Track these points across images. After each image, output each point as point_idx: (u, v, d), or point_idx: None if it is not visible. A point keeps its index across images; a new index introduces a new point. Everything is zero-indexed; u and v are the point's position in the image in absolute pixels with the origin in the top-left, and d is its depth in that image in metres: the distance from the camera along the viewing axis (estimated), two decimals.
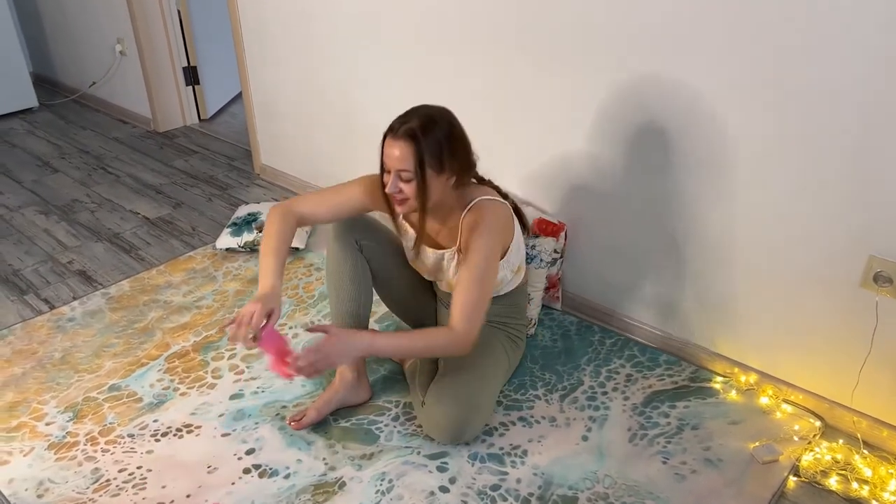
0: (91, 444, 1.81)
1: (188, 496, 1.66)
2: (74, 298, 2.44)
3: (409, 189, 1.64)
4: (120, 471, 1.73)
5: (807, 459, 1.75)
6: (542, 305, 2.29)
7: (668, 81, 1.84)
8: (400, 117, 1.64)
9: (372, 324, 2.22)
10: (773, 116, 1.70)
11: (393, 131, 1.63)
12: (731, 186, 1.84)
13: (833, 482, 1.69)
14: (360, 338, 1.66)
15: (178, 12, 3.83)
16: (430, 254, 1.83)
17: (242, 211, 2.81)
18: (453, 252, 1.78)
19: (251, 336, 1.58)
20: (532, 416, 1.89)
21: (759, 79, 1.69)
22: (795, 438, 1.81)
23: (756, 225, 1.83)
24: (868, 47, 1.51)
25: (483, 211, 1.71)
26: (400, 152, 1.61)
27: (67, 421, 1.89)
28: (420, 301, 2.02)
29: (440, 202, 1.71)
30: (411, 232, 1.84)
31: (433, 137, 1.61)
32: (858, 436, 1.81)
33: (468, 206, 1.73)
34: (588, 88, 2.00)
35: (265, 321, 1.61)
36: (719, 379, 2.02)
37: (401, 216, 1.83)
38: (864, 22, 1.50)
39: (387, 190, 1.67)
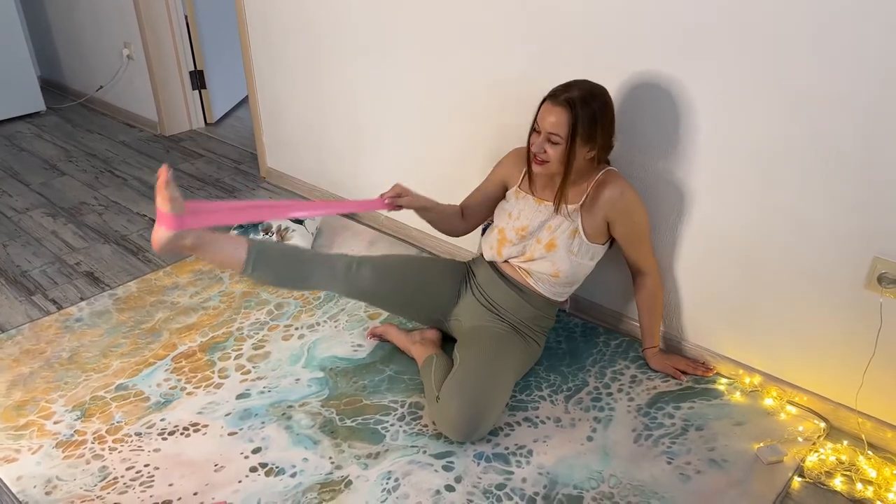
0: (99, 443, 1.82)
1: (195, 494, 1.67)
2: (82, 299, 2.45)
3: (553, 152, 1.79)
4: (127, 469, 1.74)
5: (811, 460, 1.76)
6: None
7: (675, 83, 1.86)
8: (562, 85, 1.78)
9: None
10: (780, 118, 1.71)
11: (554, 97, 1.76)
12: (735, 188, 1.85)
13: (838, 483, 1.69)
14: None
15: (186, 17, 3.86)
16: (538, 207, 1.93)
17: None
18: (576, 208, 1.89)
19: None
20: (537, 417, 1.90)
21: (766, 82, 1.70)
22: (800, 439, 1.82)
23: (761, 226, 1.84)
24: (874, 51, 1.52)
25: (627, 188, 1.88)
26: (556, 118, 1.74)
27: (75, 419, 1.90)
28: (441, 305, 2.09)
29: (574, 170, 1.83)
30: (525, 198, 1.96)
31: (589, 110, 1.74)
32: (863, 437, 1.82)
33: (603, 171, 1.89)
34: None
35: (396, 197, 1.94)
36: (724, 380, 2.03)
37: (517, 186, 1.99)
38: (870, 26, 1.51)
39: (532, 149, 1.82)
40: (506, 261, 1.99)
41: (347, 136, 2.91)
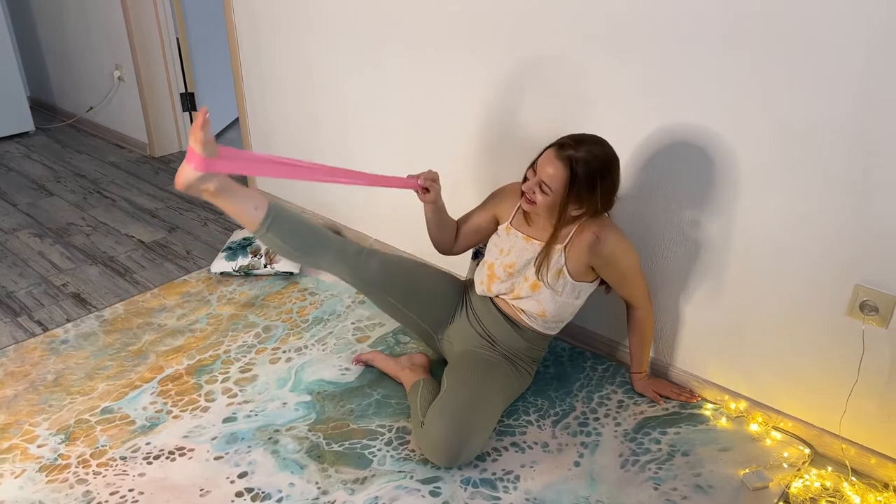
0: (83, 467, 1.81)
1: None
2: (68, 321, 2.44)
3: (541, 200, 1.78)
4: (112, 493, 1.73)
5: (796, 486, 1.77)
6: None
7: (663, 108, 1.89)
8: (573, 138, 1.75)
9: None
10: (764, 146, 1.74)
11: (561, 149, 1.73)
12: (720, 215, 1.88)
13: None
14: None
15: (177, 39, 3.88)
16: (526, 245, 1.91)
17: (237, 236, 2.83)
18: (561, 248, 1.87)
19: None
20: (524, 442, 1.90)
21: (751, 109, 1.73)
22: (785, 465, 1.83)
23: (745, 253, 1.87)
24: (857, 81, 1.55)
25: (609, 235, 1.83)
26: (554, 171, 1.73)
27: (59, 443, 1.88)
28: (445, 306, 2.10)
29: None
30: (516, 236, 1.95)
31: (590, 175, 1.72)
32: (847, 463, 1.83)
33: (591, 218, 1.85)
34: (585, 117, 2.04)
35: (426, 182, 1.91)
36: (709, 406, 2.04)
37: (508, 223, 1.98)
38: (852, 58, 1.54)
39: (523, 187, 1.82)
40: (497, 296, 2.00)
41: (338, 158, 2.92)
